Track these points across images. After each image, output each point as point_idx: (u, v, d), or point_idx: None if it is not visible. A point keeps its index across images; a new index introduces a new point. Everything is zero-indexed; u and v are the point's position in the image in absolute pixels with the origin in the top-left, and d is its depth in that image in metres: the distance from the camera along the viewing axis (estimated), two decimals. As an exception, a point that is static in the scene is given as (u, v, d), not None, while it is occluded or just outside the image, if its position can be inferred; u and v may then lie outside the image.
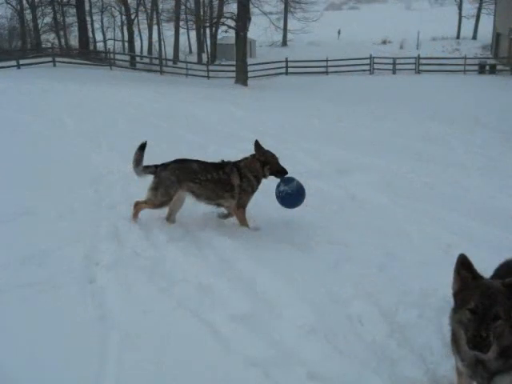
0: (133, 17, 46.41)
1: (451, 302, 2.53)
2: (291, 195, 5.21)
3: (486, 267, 2.82)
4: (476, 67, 33.97)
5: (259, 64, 33.99)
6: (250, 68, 31.22)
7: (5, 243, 4.57)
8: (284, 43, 52.97)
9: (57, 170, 7.34)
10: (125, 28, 48.92)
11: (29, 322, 3.38)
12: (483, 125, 14.74)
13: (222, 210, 5.46)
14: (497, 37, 39.99)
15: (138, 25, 49.99)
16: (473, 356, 2.42)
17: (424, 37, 50.84)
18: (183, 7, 43.49)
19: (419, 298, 3.83)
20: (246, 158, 5.39)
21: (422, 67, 34.50)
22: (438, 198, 6.67)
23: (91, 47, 43.19)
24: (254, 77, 32.02)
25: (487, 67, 33.70)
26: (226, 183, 5.19)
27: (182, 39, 46.98)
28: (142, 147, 5.23)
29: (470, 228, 5.54)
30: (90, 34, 45.08)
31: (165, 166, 5.21)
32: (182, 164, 5.23)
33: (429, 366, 3.09)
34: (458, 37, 54.33)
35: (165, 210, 5.32)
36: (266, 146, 5.48)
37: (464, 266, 2.48)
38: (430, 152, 10.03)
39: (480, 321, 2.28)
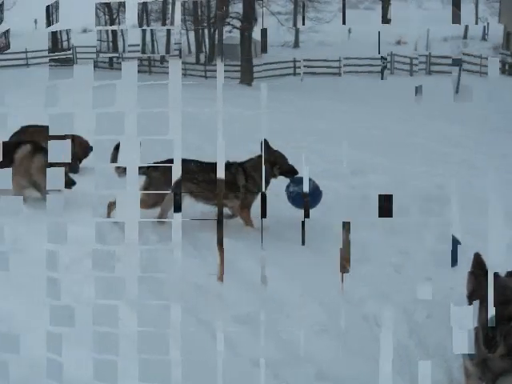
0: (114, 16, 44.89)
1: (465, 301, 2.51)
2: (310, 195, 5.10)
3: (499, 266, 2.79)
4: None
5: (266, 64, 33.02)
6: (256, 68, 30.53)
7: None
8: (296, 44, 52.52)
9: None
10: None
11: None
12: (495, 125, 14.54)
13: (226, 210, 5.42)
14: (507, 36, 39.49)
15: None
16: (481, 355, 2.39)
17: (434, 36, 50.18)
18: (182, 7, 42.86)
19: (434, 298, 3.79)
20: (251, 159, 5.37)
21: (434, 67, 33.99)
22: (451, 198, 6.60)
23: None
24: (260, 77, 30.71)
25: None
26: (230, 184, 5.11)
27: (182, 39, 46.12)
28: (117, 147, 5.01)
29: (483, 228, 5.46)
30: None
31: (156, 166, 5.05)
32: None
33: (448, 366, 3.06)
34: (465, 37, 53.37)
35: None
36: (274, 146, 5.44)
37: (478, 265, 2.47)
38: (444, 152, 9.95)
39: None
